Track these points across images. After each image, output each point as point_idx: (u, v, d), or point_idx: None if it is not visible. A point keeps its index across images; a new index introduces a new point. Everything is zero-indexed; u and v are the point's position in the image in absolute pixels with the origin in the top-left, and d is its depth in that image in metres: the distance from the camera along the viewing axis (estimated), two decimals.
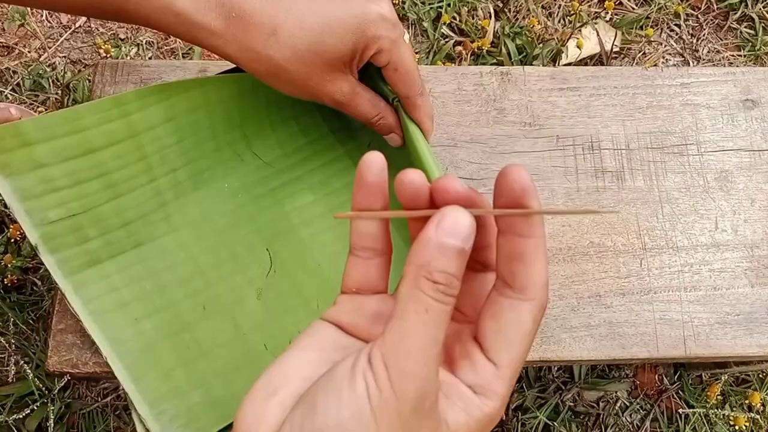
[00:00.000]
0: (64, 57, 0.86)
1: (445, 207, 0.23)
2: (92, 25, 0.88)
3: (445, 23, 0.93)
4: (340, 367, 0.23)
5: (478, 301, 0.26)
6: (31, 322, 0.69)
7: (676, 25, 0.98)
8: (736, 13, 0.98)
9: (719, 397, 0.73)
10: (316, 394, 0.23)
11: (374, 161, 0.26)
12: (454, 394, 0.24)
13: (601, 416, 0.75)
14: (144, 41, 0.87)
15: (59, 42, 0.87)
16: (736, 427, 0.71)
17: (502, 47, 0.92)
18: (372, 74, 0.44)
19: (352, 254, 0.28)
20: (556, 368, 0.78)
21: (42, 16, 0.88)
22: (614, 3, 0.95)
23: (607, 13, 0.96)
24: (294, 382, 0.24)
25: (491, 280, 0.26)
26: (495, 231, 0.26)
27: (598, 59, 0.94)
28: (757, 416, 0.71)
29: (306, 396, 0.23)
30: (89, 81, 0.82)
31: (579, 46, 0.92)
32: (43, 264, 0.44)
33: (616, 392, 0.76)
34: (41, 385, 0.62)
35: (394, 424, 0.22)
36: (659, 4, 0.97)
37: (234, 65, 0.41)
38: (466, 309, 0.28)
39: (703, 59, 0.96)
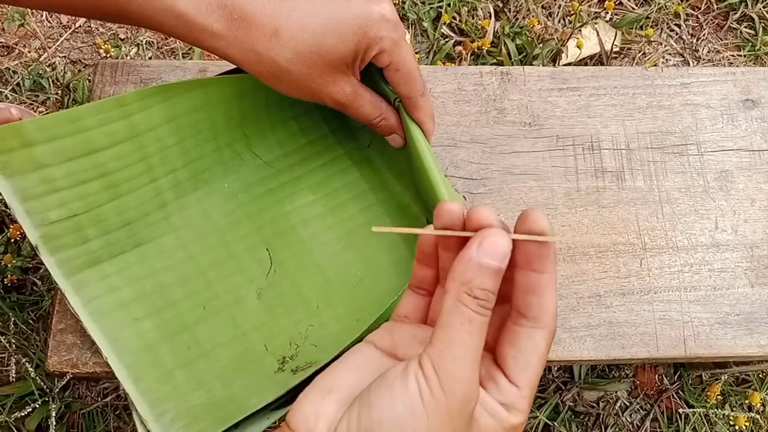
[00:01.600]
0: (64, 57, 0.86)
1: (485, 229, 0.26)
2: (92, 25, 0.88)
3: (445, 23, 0.93)
4: (393, 370, 0.26)
5: (496, 331, 0.29)
6: (31, 322, 0.69)
7: (676, 25, 0.98)
8: (736, 13, 0.98)
9: (719, 397, 0.73)
10: (370, 393, 0.25)
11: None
12: (485, 405, 0.27)
13: (601, 416, 0.75)
14: (144, 41, 0.87)
15: (59, 42, 0.87)
16: (736, 427, 0.71)
17: (502, 47, 0.92)
18: (373, 75, 0.44)
19: (410, 289, 0.32)
20: (556, 368, 0.78)
21: (42, 16, 0.88)
22: (614, 3, 0.95)
23: (607, 13, 0.96)
24: (345, 386, 0.27)
25: (506, 311, 0.29)
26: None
27: (598, 59, 0.94)
28: (757, 416, 0.71)
29: (361, 396, 0.26)
30: (89, 81, 0.82)
31: (579, 46, 0.92)
32: (43, 264, 0.44)
33: (616, 392, 0.76)
34: (42, 385, 0.62)
35: (444, 419, 0.24)
36: (659, 4, 0.97)
37: (235, 66, 0.41)
38: (487, 338, 0.30)
39: (703, 59, 0.96)
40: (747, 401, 0.73)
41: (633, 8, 0.98)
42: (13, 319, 0.66)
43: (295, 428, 0.26)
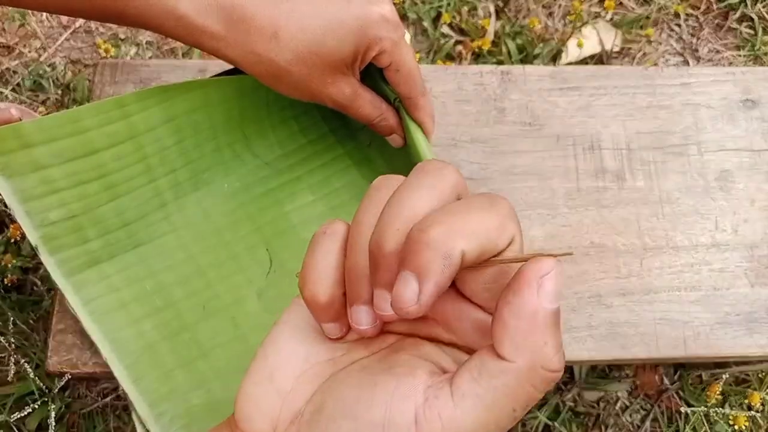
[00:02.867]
0: (64, 57, 0.86)
1: (541, 260, 0.19)
2: (92, 26, 0.88)
3: (445, 23, 0.93)
4: (389, 371, 0.21)
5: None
6: (31, 322, 0.69)
7: (676, 25, 0.98)
8: (735, 13, 0.98)
9: (719, 396, 0.73)
10: (343, 389, 0.22)
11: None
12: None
13: (601, 416, 0.75)
14: (144, 41, 0.87)
15: (59, 42, 0.87)
16: (736, 427, 0.71)
17: (503, 47, 0.92)
18: (373, 75, 0.44)
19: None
20: None
21: (42, 16, 0.88)
22: (614, 3, 0.95)
23: (607, 13, 0.96)
24: (288, 362, 0.24)
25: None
26: None
27: (599, 59, 0.93)
28: (757, 415, 0.71)
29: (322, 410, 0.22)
30: (89, 81, 0.82)
31: (579, 46, 0.92)
32: (43, 264, 0.44)
33: (616, 392, 0.76)
34: (41, 385, 0.62)
35: None
36: (659, 4, 0.97)
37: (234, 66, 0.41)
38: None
39: (703, 59, 0.96)
40: (747, 401, 0.73)
41: (633, 8, 0.98)
42: (12, 319, 0.66)
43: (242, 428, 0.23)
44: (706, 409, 0.72)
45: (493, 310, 0.20)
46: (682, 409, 0.73)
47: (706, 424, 0.73)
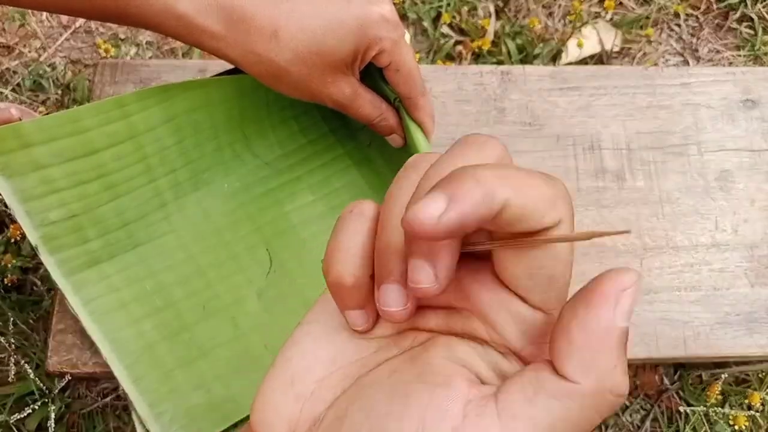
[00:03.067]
0: (64, 57, 0.86)
1: (622, 273, 0.17)
2: (92, 26, 0.88)
3: (445, 23, 0.93)
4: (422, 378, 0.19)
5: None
6: (31, 322, 0.69)
7: (676, 25, 0.98)
8: (735, 13, 0.98)
9: (719, 396, 0.73)
10: (373, 392, 0.20)
11: None
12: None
13: None
14: (144, 41, 0.87)
15: (59, 42, 0.87)
16: (736, 427, 0.71)
17: (503, 47, 0.92)
18: (373, 75, 0.44)
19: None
20: None
21: (42, 15, 0.88)
22: (614, 3, 0.95)
23: (607, 13, 0.96)
24: (312, 366, 0.22)
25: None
26: None
27: (599, 59, 0.93)
28: (757, 415, 0.71)
29: (358, 393, 0.20)
30: (89, 81, 0.82)
31: (579, 46, 0.92)
32: (43, 264, 0.44)
33: None
34: (41, 385, 0.62)
35: None
36: (659, 4, 0.97)
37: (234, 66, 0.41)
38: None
39: (703, 59, 0.96)
40: (747, 401, 0.73)
41: (633, 8, 0.98)
42: (12, 319, 0.66)
43: None
44: (706, 409, 0.72)
45: (554, 320, 0.18)
46: (682, 409, 0.73)
47: (706, 424, 0.73)
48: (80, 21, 0.88)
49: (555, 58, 0.93)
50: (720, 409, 0.71)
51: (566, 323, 0.17)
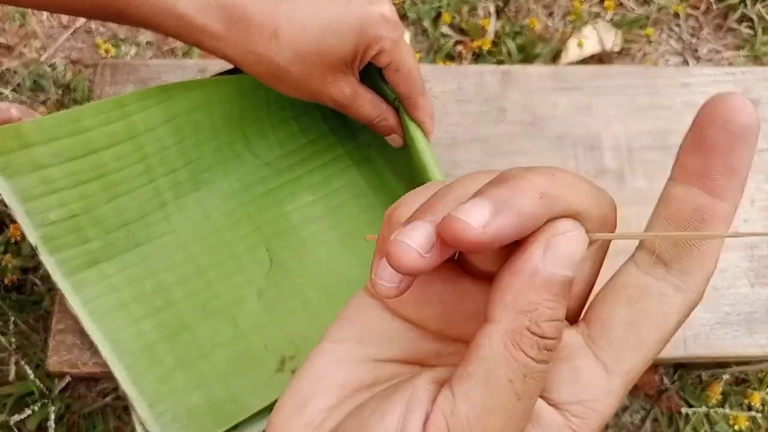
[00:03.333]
0: (65, 57, 0.86)
1: (556, 221, 0.16)
2: (92, 26, 0.88)
3: (445, 23, 0.93)
4: (395, 396, 0.18)
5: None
6: (31, 322, 0.69)
7: (676, 25, 0.98)
8: (735, 13, 0.98)
9: (719, 396, 0.73)
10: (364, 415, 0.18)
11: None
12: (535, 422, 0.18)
13: None
14: (144, 41, 0.87)
15: (59, 42, 0.87)
16: (736, 427, 0.71)
17: (503, 47, 0.92)
18: (373, 75, 0.44)
19: None
20: None
21: (42, 15, 0.88)
22: (614, 3, 0.95)
23: (607, 13, 0.96)
24: (324, 390, 0.20)
25: None
26: None
27: (599, 59, 0.93)
28: (757, 415, 0.71)
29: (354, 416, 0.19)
30: (89, 81, 0.82)
31: (579, 46, 0.92)
32: (43, 264, 0.44)
33: None
34: (41, 385, 0.62)
35: None
36: (659, 4, 0.97)
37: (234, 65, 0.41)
38: None
39: (703, 59, 0.96)
40: (747, 401, 0.73)
41: (633, 8, 0.98)
42: (13, 319, 0.66)
43: None
44: (706, 409, 0.72)
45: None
46: (683, 410, 0.73)
47: (706, 424, 0.73)
48: (80, 21, 0.88)
49: (555, 58, 0.93)
50: (720, 409, 0.71)
51: (500, 272, 0.17)
